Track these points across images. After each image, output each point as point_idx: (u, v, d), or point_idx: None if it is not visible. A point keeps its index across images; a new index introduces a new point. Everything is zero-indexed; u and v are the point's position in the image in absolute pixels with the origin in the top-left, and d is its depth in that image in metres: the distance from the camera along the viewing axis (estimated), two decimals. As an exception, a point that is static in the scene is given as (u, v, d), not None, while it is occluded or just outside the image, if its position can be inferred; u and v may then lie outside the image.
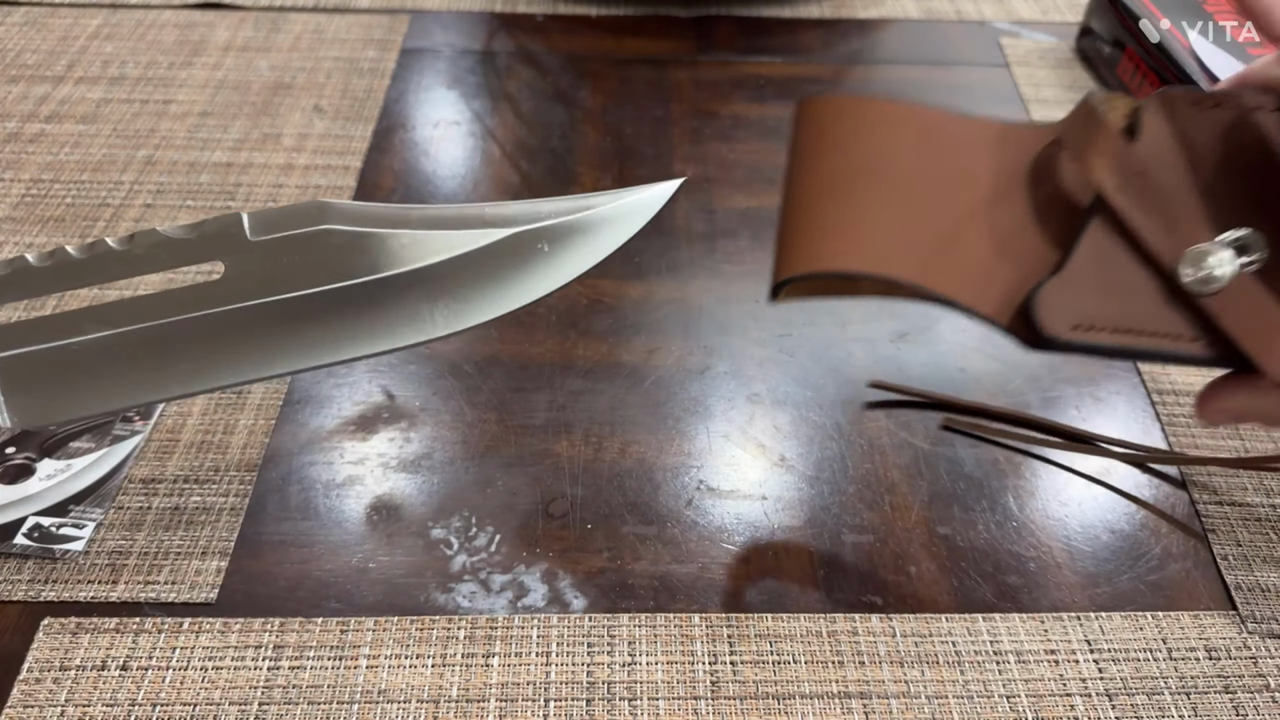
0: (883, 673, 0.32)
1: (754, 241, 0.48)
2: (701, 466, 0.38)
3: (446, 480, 0.38)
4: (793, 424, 0.40)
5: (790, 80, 0.60)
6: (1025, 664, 0.33)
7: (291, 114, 0.55)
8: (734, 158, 0.54)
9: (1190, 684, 0.32)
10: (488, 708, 0.31)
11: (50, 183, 0.50)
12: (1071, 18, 0.67)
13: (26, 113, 0.54)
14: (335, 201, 0.31)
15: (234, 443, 0.38)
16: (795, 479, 0.38)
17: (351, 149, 0.53)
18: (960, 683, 0.32)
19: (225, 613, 0.33)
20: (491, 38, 0.63)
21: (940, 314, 0.45)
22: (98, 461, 0.37)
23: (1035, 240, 0.29)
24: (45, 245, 0.46)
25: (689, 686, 0.32)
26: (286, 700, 0.31)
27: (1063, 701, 0.32)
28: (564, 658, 0.32)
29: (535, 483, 0.37)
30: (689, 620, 0.33)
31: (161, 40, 0.60)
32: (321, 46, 0.60)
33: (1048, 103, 0.59)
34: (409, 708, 0.31)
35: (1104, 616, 0.34)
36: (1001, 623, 0.34)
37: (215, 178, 0.50)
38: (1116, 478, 0.39)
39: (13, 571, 0.34)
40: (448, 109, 0.56)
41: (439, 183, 0.51)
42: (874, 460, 0.39)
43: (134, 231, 0.32)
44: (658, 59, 0.61)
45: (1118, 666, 0.33)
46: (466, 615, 0.33)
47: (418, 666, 0.32)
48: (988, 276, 0.28)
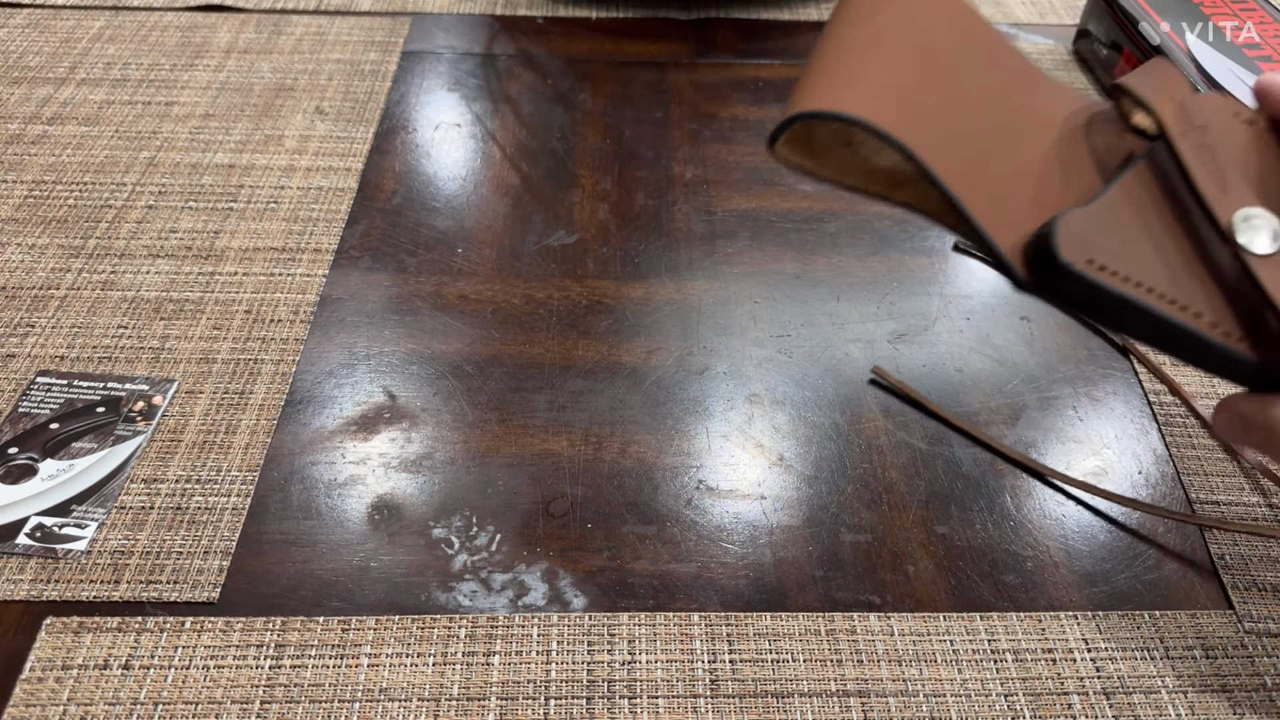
0: (881, 671, 0.32)
1: (753, 243, 0.48)
2: (701, 466, 0.39)
3: (447, 480, 0.38)
4: (791, 424, 0.40)
5: (789, 83, 0.60)
6: (1023, 662, 0.33)
7: (293, 116, 0.55)
8: (733, 159, 0.54)
9: (1187, 683, 0.32)
10: (488, 706, 0.31)
11: (53, 184, 0.50)
12: (1069, 20, 0.67)
13: (29, 114, 0.54)
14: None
15: (236, 443, 0.38)
16: (794, 479, 0.38)
17: (353, 151, 0.53)
18: (958, 681, 0.32)
19: (227, 612, 0.33)
20: (492, 41, 0.63)
21: (938, 314, 0.45)
22: (100, 462, 0.37)
23: (1066, 187, 0.27)
24: (48, 246, 0.46)
25: (688, 684, 0.32)
26: (288, 699, 0.31)
27: (1060, 700, 0.32)
28: (564, 656, 0.32)
29: (536, 482, 0.38)
30: (688, 619, 0.33)
31: (164, 42, 0.60)
32: (323, 49, 0.60)
33: (1046, 105, 0.59)
34: (410, 706, 0.31)
35: (1101, 615, 0.34)
36: (999, 621, 0.34)
37: (217, 179, 0.50)
38: (1114, 478, 0.39)
39: (15, 571, 0.34)
40: (449, 111, 0.57)
41: (440, 184, 0.52)
42: (872, 460, 0.39)
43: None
44: (657, 62, 0.62)
45: (1115, 665, 0.33)
46: (467, 614, 0.33)
47: (419, 665, 0.32)
48: (1007, 206, 0.26)
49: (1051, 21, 0.67)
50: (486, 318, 0.44)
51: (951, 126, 0.26)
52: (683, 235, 0.49)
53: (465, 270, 0.46)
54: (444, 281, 0.46)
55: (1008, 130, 0.28)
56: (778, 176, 0.53)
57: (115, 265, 0.45)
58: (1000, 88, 0.28)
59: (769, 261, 0.47)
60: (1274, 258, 0.25)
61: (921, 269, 0.48)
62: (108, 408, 0.39)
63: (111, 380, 0.41)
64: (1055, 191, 0.27)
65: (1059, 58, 0.63)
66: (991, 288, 0.47)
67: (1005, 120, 0.28)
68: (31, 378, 0.40)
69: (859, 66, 0.26)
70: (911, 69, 0.27)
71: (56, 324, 0.43)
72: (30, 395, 0.40)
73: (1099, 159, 0.28)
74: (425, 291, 0.45)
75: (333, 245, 0.47)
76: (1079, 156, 0.28)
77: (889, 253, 0.48)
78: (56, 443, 0.38)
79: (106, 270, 0.45)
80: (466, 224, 0.49)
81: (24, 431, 0.38)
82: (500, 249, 0.48)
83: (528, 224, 0.49)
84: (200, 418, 0.39)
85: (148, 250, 0.46)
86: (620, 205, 0.50)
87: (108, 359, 0.41)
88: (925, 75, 0.27)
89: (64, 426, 0.39)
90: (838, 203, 0.51)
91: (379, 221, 0.49)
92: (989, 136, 0.27)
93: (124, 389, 0.40)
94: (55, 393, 0.40)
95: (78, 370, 0.41)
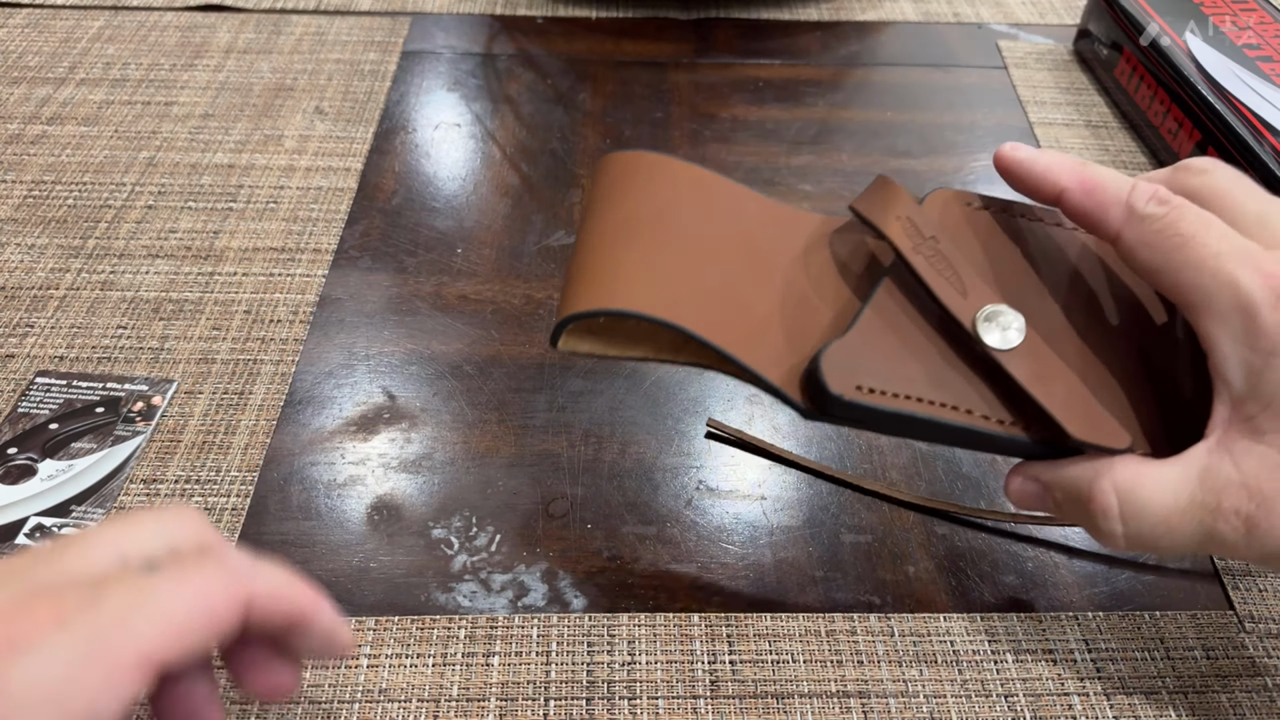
0: (881, 672, 0.32)
1: (753, 243, 0.48)
2: (701, 467, 0.39)
3: (447, 480, 0.38)
4: (791, 424, 0.40)
5: (789, 82, 0.60)
6: (1023, 663, 0.33)
7: (293, 116, 0.55)
8: (733, 160, 0.54)
9: (1188, 683, 0.32)
10: (488, 707, 0.31)
11: (52, 184, 0.50)
12: (1069, 20, 0.67)
13: (28, 114, 0.54)
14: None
15: (235, 443, 0.38)
16: (794, 479, 0.38)
17: (353, 151, 0.53)
18: (958, 682, 0.32)
19: (226, 612, 0.33)
20: (492, 40, 0.63)
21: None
22: (99, 462, 0.37)
23: (823, 309, 0.29)
24: (47, 246, 0.46)
25: (688, 686, 0.32)
26: (287, 699, 0.31)
27: (1060, 701, 0.32)
28: (564, 657, 0.32)
29: (535, 483, 0.38)
30: (688, 619, 0.33)
31: (163, 42, 0.60)
32: (323, 49, 0.60)
33: (1045, 105, 0.59)
34: (409, 707, 0.31)
35: (1102, 616, 0.34)
36: (999, 622, 0.34)
37: (217, 180, 0.50)
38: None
39: (15, 571, 0.34)
40: (448, 111, 0.57)
41: (440, 185, 0.51)
42: (872, 460, 0.39)
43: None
44: (657, 61, 0.61)
45: (1115, 666, 0.33)
46: (467, 615, 0.33)
47: (418, 666, 0.32)
48: (775, 344, 0.28)
49: (1052, 21, 0.67)
50: (486, 318, 0.44)
51: (711, 286, 0.28)
52: (683, 235, 0.49)
53: (465, 270, 0.46)
54: (444, 282, 0.46)
55: (763, 272, 0.29)
56: (778, 177, 0.53)
57: (114, 265, 0.45)
58: (746, 235, 0.30)
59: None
60: (1019, 349, 0.27)
61: (922, 269, 0.48)
62: (107, 408, 0.39)
63: (111, 380, 0.40)
64: (819, 317, 0.29)
65: (1059, 58, 0.63)
66: (992, 288, 0.47)
67: (758, 264, 0.29)
68: (31, 378, 0.40)
69: (620, 255, 0.28)
70: (666, 244, 0.29)
71: (55, 324, 0.43)
72: (29, 395, 0.40)
73: (852, 274, 0.30)
74: (425, 292, 0.45)
75: (332, 245, 0.47)
76: (831, 277, 0.30)
77: (889, 253, 0.48)
78: (56, 443, 0.38)
79: (106, 270, 0.45)
80: (466, 224, 0.49)
81: (23, 432, 0.38)
82: (500, 249, 0.48)
83: (528, 224, 0.49)
84: (199, 418, 0.39)
85: (147, 250, 0.46)
86: (620, 205, 0.50)
87: (107, 359, 0.41)
88: (679, 246, 0.29)
89: (63, 427, 0.39)
90: (838, 203, 0.51)
91: (378, 222, 0.49)
92: (747, 284, 0.29)
93: (123, 389, 0.40)
94: (54, 393, 0.40)
95: (77, 370, 0.41)
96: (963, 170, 0.54)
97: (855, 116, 0.58)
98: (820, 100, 0.59)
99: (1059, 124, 0.58)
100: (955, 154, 0.55)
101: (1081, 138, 0.57)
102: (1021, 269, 0.30)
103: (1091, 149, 0.56)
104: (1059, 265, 0.30)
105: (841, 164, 0.54)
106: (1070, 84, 0.61)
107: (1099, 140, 0.56)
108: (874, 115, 0.58)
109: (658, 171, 0.30)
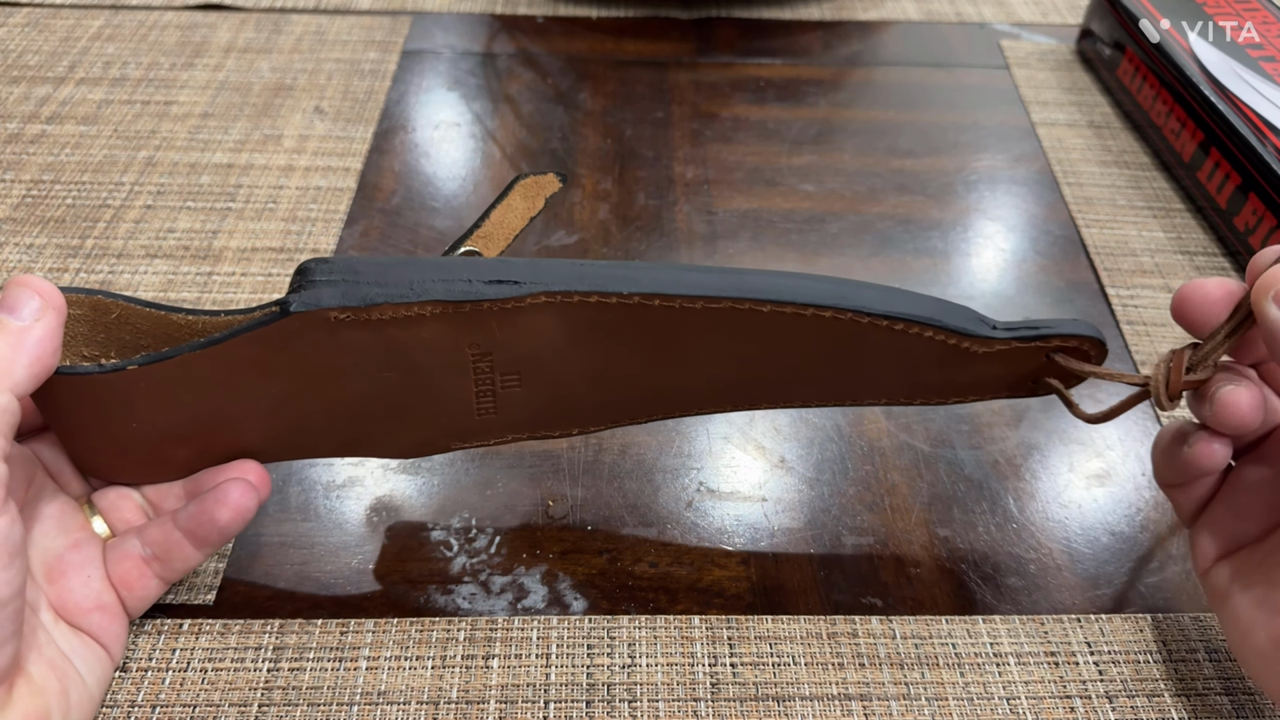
0: (883, 675, 0.32)
1: (754, 243, 0.48)
2: (701, 468, 0.38)
3: (446, 482, 0.37)
4: (792, 425, 0.40)
5: (790, 82, 0.60)
6: (1025, 666, 0.33)
7: (292, 115, 0.55)
8: (734, 159, 0.54)
9: (1190, 686, 0.32)
10: (487, 709, 0.31)
11: (51, 183, 0.50)
12: (1071, 20, 0.67)
13: (28, 114, 0.54)
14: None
15: (234, 444, 0.38)
16: (795, 480, 0.38)
17: (352, 150, 0.53)
18: (960, 684, 0.32)
19: (224, 614, 0.33)
20: (492, 40, 0.63)
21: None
22: (98, 463, 0.37)
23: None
24: (45, 246, 0.46)
25: (689, 688, 0.32)
26: (286, 702, 0.31)
27: (1063, 704, 0.32)
28: (564, 659, 0.32)
29: (535, 484, 0.37)
30: (689, 622, 0.33)
31: (163, 41, 0.60)
32: (323, 48, 0.60)
33: (1048, 105, 0.59)
34: (409, 709, 0.31)
35: (1104, 618, 0.34)
36: (1002, 625, 0.34)
37: (216, 179, 0.50)
38: (1117, 480, 0.39)
39: (12, 573, 0.34)
40: (448, 111, 0.56)
41: (440, 184, 0.51)
42: (874, 462, 0.39)
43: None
44: (658, 61, 0.61)
45: (1118, 668, 0.33)
46: (466, 617, 0.33)
47: (417, 668, 0.32)
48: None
49: (1054, 21, 0.67)
50: (486, 318, 0.44)
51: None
52: (684, 235, 0.49)
53: (465, 270, 0.46)
54: (443, 282, 0.46)
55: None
56: (779, 177, 0.53)
57: (113, 265, 0.45)
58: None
59: (770, 262, 0.47)
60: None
61: (924, 270, 0.47)
62: (105, 408, 0.39)
63: (109, 381, 0.40)
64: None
65: (1062, 57, 0.63)
66: (994, 289, 0.47)
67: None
68: (29, 378, 0.40)
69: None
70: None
71: (54, 324, 0.42)
72: (27, 396, 0.39)
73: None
74: (425, 292, 0.45)
75: (331, 246, 0.47)
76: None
77: (891, 253, 0.48)
78: (54, 444, 0.38)
79: (104, 270, 0.45)
80: (466, 224, 0.49)
81: (21, 432, 0.38)
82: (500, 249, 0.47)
83: (528, 224, 0.49)
84: (198, 419, 0.39)
85: (145, 250, 0.46)
86: (621, 205, 0.50)
87: (105, 359, 0.41)
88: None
89: (61, 427, 0.38)
90: (839, 203, 0.51)
91: (378, 221, 0.49)
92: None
93: (122, 390, 0.40)
94: (53, 393, 0.40)
95: (75, 371, 0.41)
96: (964, 170, 0.54)
97: (857, 116, 0.58)
98: (822, 100, 0.59)
99: (1061, 124, 0.57)
100: (957, 154, 0.55)
101: (1084, 138, 0.56)
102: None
103: (1094, 149, 0.56)
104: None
105: (843, 164, 0.54)
106: (1073, 84, 0.61)
107: (1101, 140, 0.56)
108: (876, 115, 0.58)
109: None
